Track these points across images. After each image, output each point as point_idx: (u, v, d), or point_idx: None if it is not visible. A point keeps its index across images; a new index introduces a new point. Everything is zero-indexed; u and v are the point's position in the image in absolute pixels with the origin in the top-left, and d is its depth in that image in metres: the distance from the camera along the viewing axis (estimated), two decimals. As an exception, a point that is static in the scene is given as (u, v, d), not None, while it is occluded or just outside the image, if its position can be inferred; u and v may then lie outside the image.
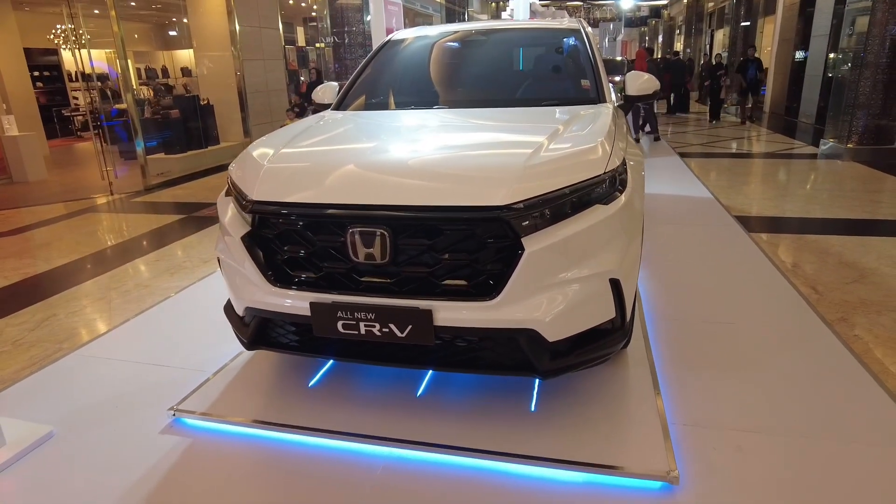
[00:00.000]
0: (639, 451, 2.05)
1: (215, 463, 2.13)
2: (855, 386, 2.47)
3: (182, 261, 4.64)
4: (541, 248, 1.86)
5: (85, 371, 2.84)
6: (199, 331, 3.21)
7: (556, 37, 3.46)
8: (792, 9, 13.50)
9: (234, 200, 2.28)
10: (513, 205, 1.85)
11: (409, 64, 3.51)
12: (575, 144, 2.12)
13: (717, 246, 4.39)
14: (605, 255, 1.97)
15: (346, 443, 2.18)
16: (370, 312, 1.95)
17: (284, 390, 2.52)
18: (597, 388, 2.44)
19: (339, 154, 2.31)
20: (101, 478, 2.07)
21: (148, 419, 2.40)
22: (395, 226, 1.90)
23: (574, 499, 1.89)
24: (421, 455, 2.10)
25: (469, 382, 2.51)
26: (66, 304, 3.86)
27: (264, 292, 2.10)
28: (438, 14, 18.22)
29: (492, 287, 1.90)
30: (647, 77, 3.15)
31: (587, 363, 2.07)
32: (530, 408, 2.31)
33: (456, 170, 2.01)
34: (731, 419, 2.25)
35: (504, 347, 2.00)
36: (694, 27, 21.91)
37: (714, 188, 6.36)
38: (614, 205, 2.02)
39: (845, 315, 3.25)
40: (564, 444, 2.09)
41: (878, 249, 4.30)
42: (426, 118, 2.85)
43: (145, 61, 18.22)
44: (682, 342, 2.87)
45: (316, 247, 2.02)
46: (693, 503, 1.84)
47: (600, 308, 2.00)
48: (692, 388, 2.46)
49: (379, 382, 2.54)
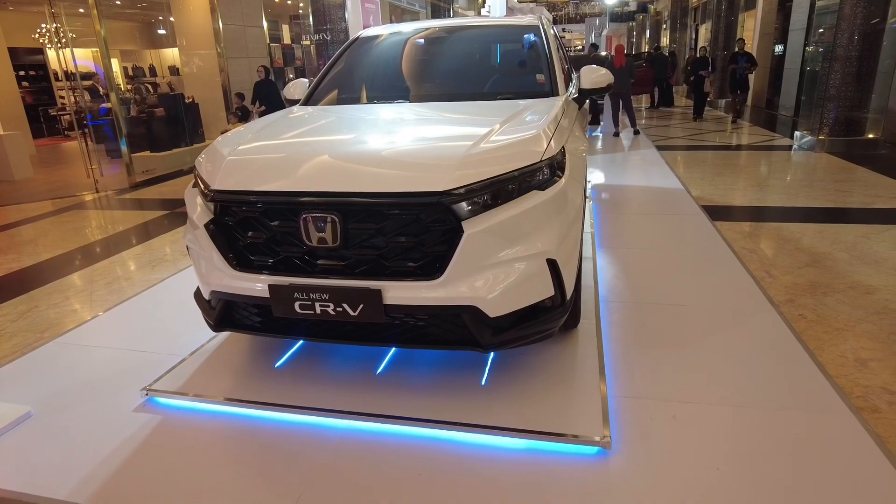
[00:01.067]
0: (578, 419, 2.20)
1: (186, 438, 2.27)
2: (789, 360, 2.63)
3: (164, 254, 4.75)
4: (479, 230, 2.01)
5: (63, 357, 2.97)
6: (174, 318, 3.34)
7: (515, 33, 3.60)
8: (772, 3, 13.70)
9: (198, 190, 2.41)
10: (453, 190, 1.99)
11: (375, 60, 3.64)
12: (515, 134, 2.26)
13: (681, 234, 4.55)
14: (542, 237, 2.11)
15: (307, 417, 2.32)
16: (324, 293, 2.09)
17: (252, 371, 2.66)
18: (545, 363, 2.59)
19: (295, 145, 2.46)
20: (77, 453, 2.20)
21: (122, 399, 2.53)
22: (345, 211, 2.04)
23: (517, 463, 2.03)
24: (377, 426, 2.25)
25: (426, 361, 2.66)
26: (48, 296, 3.98)
27: (228, 276, 2.23)
28: (424, 10, 18.31)
29: (436, 268, 2.05)
30: (603, 72, 3.29)
31: (528, 338, 2.22)
32: (481, 382, 2.46)
33: (402, 158, 2.16)
34: (669, 392, 2.41)
35: (449, 324, 2.15)
36: (679, 22, 22.09)
37: (686, 179, 6.53)
38: (551, 191, 2.16)
39: (793, 297, 3.42)
40: (510, 414, 2.24)
41: (835, 236, 4.48)
42: (385, 112, 2.99)
43: (132, 60, 18.22)
44: (632, 323, 3.02)
45: (273, 232, 2.15)
46: (624, 465, 2.00)
47: (539, 286, 2.15)
48: (636, 364, 2.62)
49: (342, 363, 2.69)
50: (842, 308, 3.24)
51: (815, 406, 2.29)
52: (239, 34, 9.85)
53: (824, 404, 2.29)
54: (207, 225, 2.24)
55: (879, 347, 2.81)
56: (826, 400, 2.32)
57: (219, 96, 9.74)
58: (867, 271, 3.75)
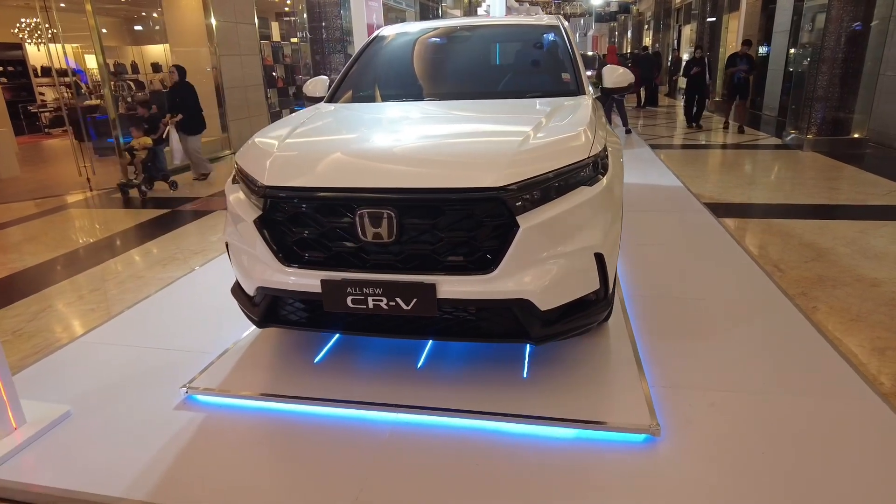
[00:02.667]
0: (623, 408, 2.26)
1: (234, 435, 2.27)
2: (812, 350, 2.73)
3: (173, 253, 4.71)
4: (533, 225, 2.05)
5: (91, 356, 2.94)
6: (198, 316, 3.33)
7: (537, 32, 3.66)
8: (755, 5, 14.00)
9: (242, 186, 2.42)
10: (508, 186, 2.03)
11: (399, 58, 3.66)
12: (561, 132, 2.32)
13: (689, 231, 4.66)
14: (590, 232, 2.17)
15: (353, 411, 2.34)
16: (378, 287, 2.12)
17: (291, 367, 2.67)
18: (582, 356, 2.65)
19: (345, 142, 2.47)
20: (121, 452, 2.19)
21: (160, 397, 2.52)
22: (400, 207, 2.07)
23: (566, 452, 2.09)
24: (425, 419, 2.28)
25: (464, 355, 2.70)
26: (59, 296, 3.92)
27: (276, 272, 2.24)
28: (413, 9, 18.29)
29: (489, 262, 2.09)
30: (622, 70, 3.36)
31: (574, 331, 2.28)
32: (522, 375, 2.51)
33: (455, 155, 2.19)
34: (703, 381, 2.49)
35: (500, 317, 2.19)
36: (662, 23, 22.43)
37: (684, 177, 6.67)
38: (597, 186, 2.22)
39: (805, 290, 3.54)
40: (555, 405, 2.29)
41: (834, 231, 4.63)
42: (422, 109, 3.02)
43: (113, 56, 17.86)
44: (658, 316, 3.10)
45: (326, 227, 2.17)
46: (674, 451, 2.06)
47: (586, 280, 2.21)
48: (668, 355, 2.69)
49: (381, 357, 2.71)
50: (852, 300, 3.37)
51: (843, 392, 2.39)
52: (231, 31, 9.75)
53: (852, 391, 2.40)
54: (256, 221, 2.25)
55: (894, 337, 2.93)
56: (854, 386, 2.42)
57: (211, 93, 9.62)
58: (870, 265, 3.89)
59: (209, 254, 4.57)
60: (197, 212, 6.13)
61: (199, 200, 6.68)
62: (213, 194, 7.01)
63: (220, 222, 5.59)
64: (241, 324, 3.02)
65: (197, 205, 6.47)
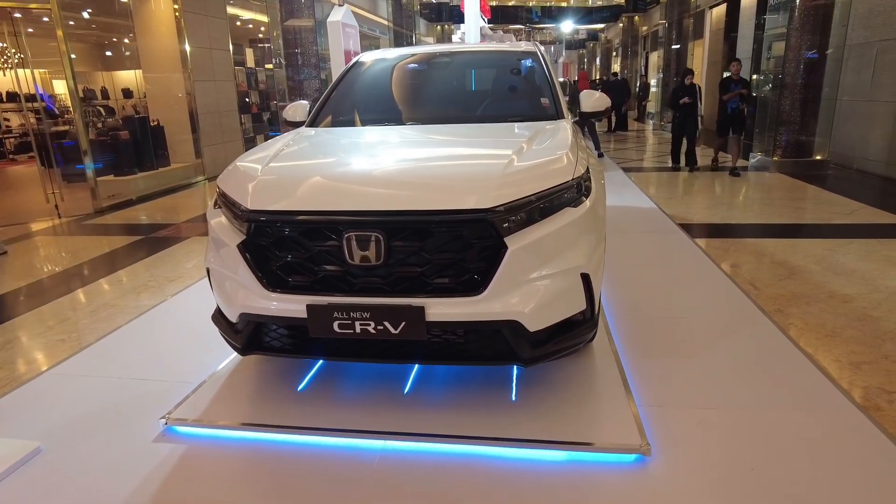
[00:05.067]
0: (612, 429, 2.26)
1: (214, 467, 2.20)
2: (792, 365, 2.78)
3: (147, 280, 4.59)
4: (521, 246, 2.07)
5: (62, 389, 2.82)
6: (175, 345, 3.23)
7: (515, 58, 3.74)
8: (718, 33, 14.57)
9: (224, 211, 2.38)
10: (495, 208, 2.05)
11: (379, 83, 3.69)
12: (544, 155, 2.35)
13: (666, 251, 4.75)
14: (576, 253, 2.19)
15: (340, 439, 2.29)
16: (365, 311, 2.09)
17: (274, 395, 2.60)
18: (569, 378, 2.65)
19: (329, 164, 2.46)
20: (98, 487, 2.09)
21: (138, 430, 2.43)
22: (388, 229, 2.06)
23: (558, 475, 2.07)
24: (414, 445, 2.24)
25: (452, 379, 2.67)
26: (28, 327, 3.77)
27: (260, 297, 2.20)
28: (386, 36, 18.55)
29: (478, 283, 2.08)
30: (598, 95, 3.44)
31: (562, 351, 2.28)
32: (511, 397, 2.49)
33: (442, 178, 2.20)
34: (689, 399, 2.51)
35: (489, 339, 2.18)
36: (630, 49, 23.15)
37: (657, 199, 6.81)
38: (581, 208, 2.25)
39: (781, 307, 3.62)
40: (545, 427, 2.28)
41: (805, 250, 4.77)
42: (404, 133, 3.03)
43: (83, 82, 17.61)
44: (640, 335, 3.13)
45: (312, 251, 2.14)
46: (665, 471, 2.06)
47: (573, 300, 2.22)
48: (653, 374, 2.71)
49: (367, 384, 2.67)
50: (826, 316, 3.45)
51: (824, 406, 2.43)
52: (205, 57, 9.72)
53: (833, 404, 2.44)
54: (240, 245, 2.21)
55: (868, 351, 3.01)
56: (833, 400, 2.47)
57: (185, 119, 9.54)
58: (840, 281, 4.01)
59: (184, 281, 4.47)
60: (170, 238, 6.00)
61: (172, 227, 6.56)
62: (187, 220, 6.89)
63: (195, 248, 5.49)
64: (220, 352, 2.94)
65: (170, 231, 6.34)
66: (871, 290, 3.81)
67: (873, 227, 5.53)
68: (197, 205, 7.98)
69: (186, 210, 7.54)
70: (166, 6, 9.12)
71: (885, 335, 3.17)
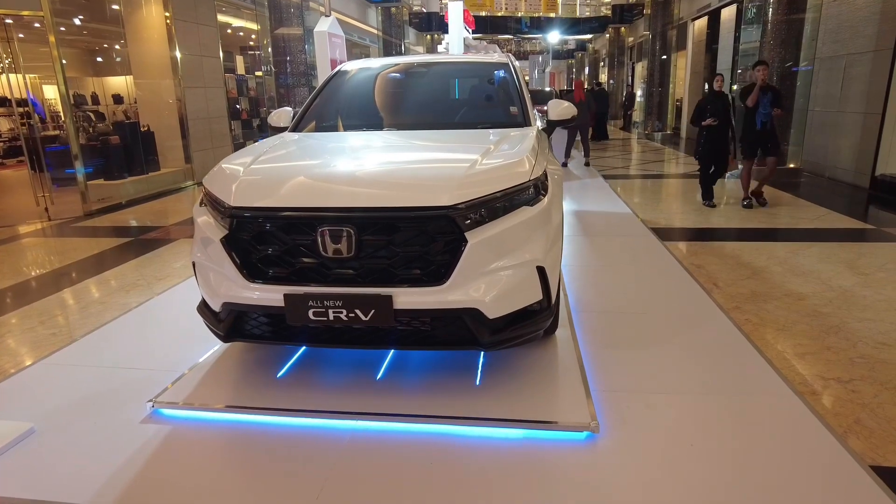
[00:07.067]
0: (567, 410, 2.46)
1: (198, 446, 2.36)
2: (741, 356, 2.99)
3: (135, 279, 4.74)
4: (480, 240, 2.26)
5: (55, 377, 2.97)
6: (163, 338, 3.39)
7: (488, 69, 3.95)
8: (700, 45, 14.96)
9: (209, 208, 2.56)
10: (457, 205, 2.24)
11: (360, 91, 3.89)
12: (506, 158, 2.56)
13: (636, 253, 4.97)
14: (532, 247, 2.39)
15: (315, 420, 2.47)
16: (338, 300, 2.27)
17: (255, 382, 2.77)
18: (531, 365, 2.84)
19: (307, 166, 2.66)
20: (87, 466, 2.25)
21: (126, 413, 2.59)
22: (359, 224, 2.25)
23: (515, 451, 2.26)
24: (384, 425, 2.42)
25: (422, 366, 2.86)
26: (19, 321, 3.91)
27: (241, 288, 2.38)
28: (376, 45, 18.80)
29: (441, 274, 2.28)
30: (566, 104, 3.66)
31: (521, 338, 2.48)
32: (475, 382, 2.68)
33: (410, 177, 2.40)
34: (641, 385, 2.71)
35: (452, 325, 2.37)
36: (616, 60, 23.57)
37: (632, 205, 7.05)
38: (538, 207, 2.45)
39: (739, 304, 3.83)
40: (505, 408, 2.47)
41: (769, 252, 5.00)
42: (379, 138, 3.23)
43: (73, 87, 17.68)
44: (602, 328, 3.33)
45: (289, 245, 2.33)
46: (612, 446, 2.26)
47: (529, 291, 2.42)
48: (610, 362, 2.91)
49: (342, 371, 2.84)
50: (780, 312, 3.67)
51: (765, 391, 2.64)
52: (196, 64, 9.90)
53: (773, 390, 2.65)
54: (223, 240, 2.39)
55: (812, 344, 3.22)
56: (774, 386, 2.68)
57: (174, 124, 9.70)
58: (798, 281, 4.24)
59: (172, 280, 4.63)
60: (159, 240, 6.15)
61: (161, 229, 6.71)
62: (176, 223, 7.04)
63: (183, 250, 5.64)
64: (205, 343, 3.11)
65: (159, 233, 6.49)
66: (824, 290, 4.04)
67: (835, 231, 5.79)
68: (186, 209, 8.13)
69: (175, 214, 7.68)
70: (158, 13, 9.30)
71: (830, 329, 3.39)
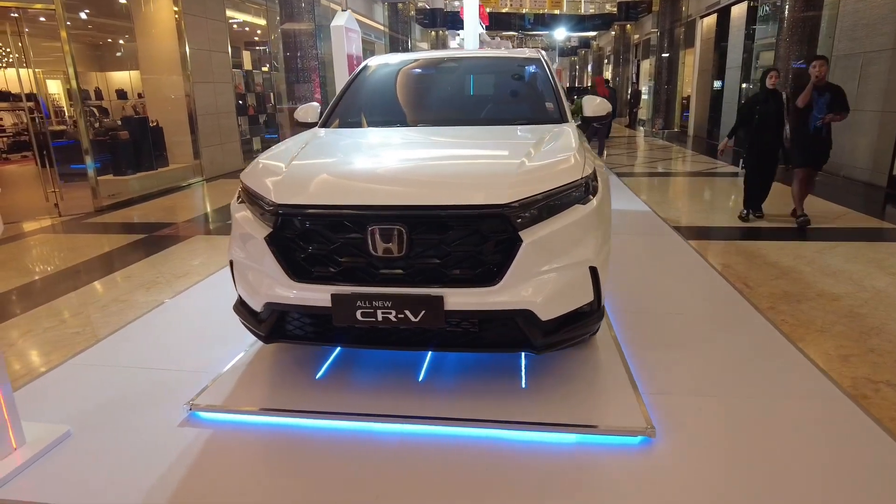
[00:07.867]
0: (618, 413, 2.39)
1: (242, 451, 2.29)
2: (784, 358, 2.93)
3: (154, 277, 4.67)
4: (534, 239, 2.20)
5: (84, 377, 2.91)
6: (191, 337, 3.33)
7: (521, 64, 3.88)
8: (708, 43, 14.88)
9: (249, 205, 2.49)
10: (511, 203, 2.18)
11: (391, 86, 3.82)
12: (554, 156, 2.49)
13: (662, 252, 4.91)
14: (585, 247, 2.33)
15: (359, 423, 2.40)
16: (387, 301, 2.21)
17: (294, 383, 2.71)
18: (576, 368, 2.78)
19: (352, 163, 2.59)
20: (126, 469, 2.18)
21: (162, 415, 2.52)
22: (411, 223, 2.18)
23: (567, 456, 2.19)
24: (431, 429, 2.36)
25: (463, 367, 2.79)
26: (39, 321, 3.84)
27: (285, 287, 2.31)
28: (382, 41, 18.70)
29: (494, 274, 2.21)
30: (599, 100, 3.59)
31: (571, 340, 2.42)
32: (521, 385, 2.62)
33: (461, 175, 2.34)
34: (688, 387, 2.65)
35: (503, 327, 2.31)
36: (622, 57, 23.47)
37: (650, 203, 6.98)
38: (589, 205, 2.39)
39: (773, 304, 3.78)
40: (555, 412, 2.41)
41: (794, 252, 4.95)
42: (418, 134, 3.16)
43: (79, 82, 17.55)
44: (642, 330, 3.27)
45: (337, 244, 2.26)
46: (669, 451, 2.20)
47: (582, 292, 2.35)
48: (654, 365, 2.85)
49: (382, 372, 2.78)
50: (816, 313, 3.62)
51: (816, 395, 2.58)
52: (205, 59, 9.81)
53: (824, 393, 2.59)
54: (266, 237, 2.32)
55: (855, 345, 3.17)
56: (824, 390, 2.62)
57: (183, 120, 9.61)
58: (829, 281, 4.18)
59: (192, 277, 4.56)
60: (174, 237, 6.08)
61: (174, 226, 6.63)
62: (188, 219, 6.97)
63: (199, 247, 5.57)
64: (234, 343, 3.04)
65: (173, 230, 6.42)
66: (857, 290, 3.99)
67: (857, 230, 5.74)
68: (196, 205, 8.05)
69: (186, 210, 7.61)
70: (166, 8, 9.20)
71: (871, 331, 3.33)
